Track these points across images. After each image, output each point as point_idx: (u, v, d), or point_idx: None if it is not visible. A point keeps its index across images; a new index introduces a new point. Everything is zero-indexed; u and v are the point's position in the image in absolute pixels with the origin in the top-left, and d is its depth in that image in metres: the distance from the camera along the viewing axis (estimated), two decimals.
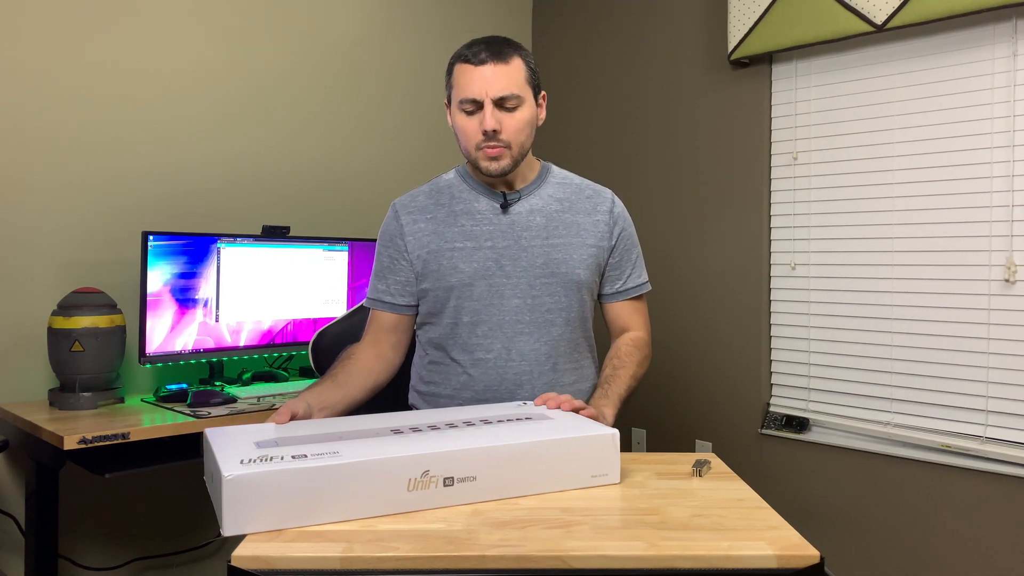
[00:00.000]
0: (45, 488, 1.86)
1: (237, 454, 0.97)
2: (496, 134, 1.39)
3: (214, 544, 2.41)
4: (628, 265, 1.57)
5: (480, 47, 1.40)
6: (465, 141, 1.44)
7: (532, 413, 1.21)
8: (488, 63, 1.39)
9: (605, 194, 1.57)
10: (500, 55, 1.40)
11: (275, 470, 0.92)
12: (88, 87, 2.12)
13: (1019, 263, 2.03)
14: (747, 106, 2.56)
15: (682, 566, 0.83)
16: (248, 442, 1.04)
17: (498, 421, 1.14)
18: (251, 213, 2.44)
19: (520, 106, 1.42)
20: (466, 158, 1.49)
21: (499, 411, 1.24)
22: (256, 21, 2.45)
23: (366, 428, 1.12)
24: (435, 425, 1.13)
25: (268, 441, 1.05)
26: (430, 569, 0.82)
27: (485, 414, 1.21)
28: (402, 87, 2.83)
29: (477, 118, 1.41)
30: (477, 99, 1.39)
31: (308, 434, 1.09)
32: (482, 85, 1.39)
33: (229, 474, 0.89)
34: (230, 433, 1.09)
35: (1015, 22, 2.03)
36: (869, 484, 2.27)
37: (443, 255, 1.47)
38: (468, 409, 1.27)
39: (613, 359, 1.53)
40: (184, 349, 2.08)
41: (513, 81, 1.40)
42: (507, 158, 1.43)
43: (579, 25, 3.09)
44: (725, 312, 2.62)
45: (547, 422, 1.14)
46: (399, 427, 1.12)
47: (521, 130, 1.43)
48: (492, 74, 1.39)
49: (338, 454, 0.97)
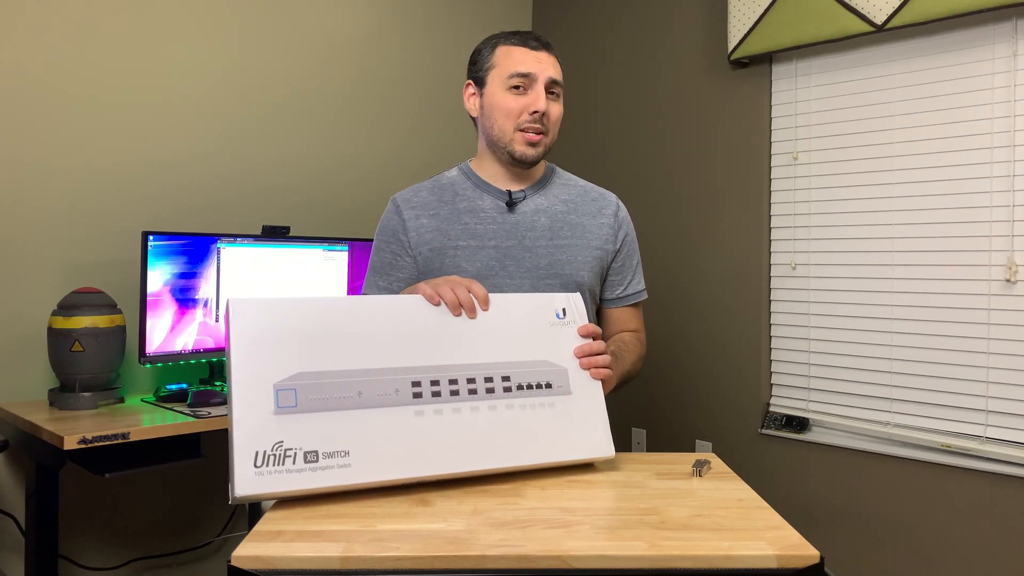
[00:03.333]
0: (45, 488, 1.86)
1: (252, 430, 0.96)
2: (543, 116, 1.40)
3: (214, 544, 2.41)
4: (629, 271, 1.57)
5: (527, 35, 1.44)
6: (504, 120, 1.42)
7: (555, 373, 1.14)
8: (542, 50, 1.42)
9: (610, 198, 1.57)
10: (550, 47, 1.44)
11: (284, 484, 0.94)
12: (88, 87, 2.12)
13: (1019, 263, 2.02)
14: (747, 106, 2.56)
15: (682, 566, 0.83)
16: (268, 390, 0.99)
17: (518, 388, 1.11)
18: (251, 213, 2.44)
19: (560, 98, 1.44)
20: (493, 141, 1.45)
21: (528, 349, 1.14)
22: (256, 22, 2.45)
23: (387, 392, 1.05)
24: (455, 382, 1.08)
25: (288, 395, 0.99)
26: (430, 569, 0.82)
27: (512, 356, 1.13)
28: (403, 88, 2.83)
29: (525, 97, 1.41)
30: (534, 74, 1.40)
31: (326, 392, 1.02)
32: (539, 65, 1.40)
33: (241, 492, 0.93)
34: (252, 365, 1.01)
35: (1015, 22, 2.03)
36: (869, 484, 2.27)
37: (446, 253, 1.45)
38: (494, 337, 1.14)
39: (616, 342, 1.49)
40: (184, 349, 2.08)
41: (559, 72, 1.44)
42: (543, 146, 1.44)
43: (579, 25, 3.09)
44: (725, 312, 2.62)
45: (560, 407, 1.12)
46: (419, 384, 1.07)
47: (557, 122, 1.45)
48: (548, 59, 1.42)
49: (349, 466, 0.98)
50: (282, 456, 0.95)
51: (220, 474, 2.39)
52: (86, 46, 2.12)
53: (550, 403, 1.12)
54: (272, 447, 0.95)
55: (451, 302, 1.13)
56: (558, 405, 1.12)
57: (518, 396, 1.10)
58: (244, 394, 0.97)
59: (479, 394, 1.08)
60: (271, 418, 0.96)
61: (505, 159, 1.46)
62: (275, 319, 1.02)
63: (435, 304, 1.13)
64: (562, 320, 1.19)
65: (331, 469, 0.97)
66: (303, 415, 0.98)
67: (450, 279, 1.17)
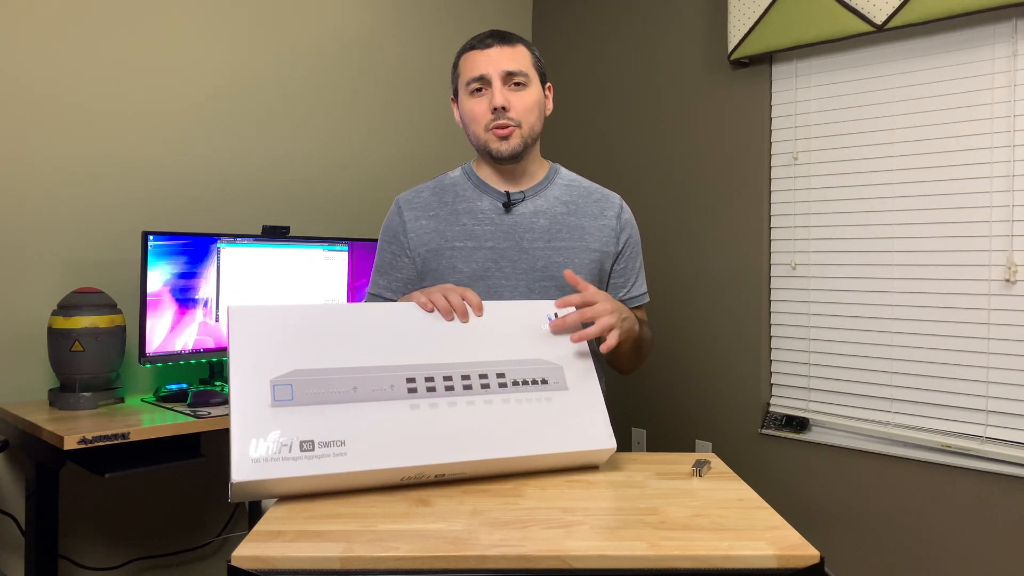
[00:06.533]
0: (45, 488, 1.86)
1: (251, 425, 0.97)
2: (505, 111, 1.40)
3: (214, 544, 2.41)
4: (632, 274, 1.55)
5: (485, 35, 1.44)
6: (474, 125, 1.44)
7: (551, 370, 1.15)
8: (495, 46, 1.42)
9: (613, 199, 1.55)
10: (506, 39, 1.43)
11: (283, 471, 0.95)
12: (89, 88, 2.12)
13: (1019, 263, 2.03)
14: (747, 106, 2.56)
15: (682, 566, 0.83)
16: (265, 385, 1.01)
17: (513, 383, 1.11)
18: (251, 213, 2.44)
19: (528, 85, 1.43)
20: (476, 147, 1.48)
21: (522, 349, 1.16)
22: (257, 22, 2.46)
23: (382, 387, 1.06)
24: (449, 379, 1.09)
25: (284, 389, 1.01)
26: (430, 569, 0.82)
27: (506, 356, 1.14)
28: (403, 88, 2.83)
29: (485, 98, 1.41)
30: (485, 75, 1.40)
31: (322, 387, 1.04)
32: (489, 63, 1.41)
33: (238, 479, 0.93)
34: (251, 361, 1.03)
35: (1015, 22, 2.03)
36: (869, 484, 2.27)
37: (443, 254, 1.45)
38: (488, 339, 1.16)
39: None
40: (184, 349, 2.08)
41: (519, 61, 1.43)
42: (517, 138, 1.42)
43: (579, 25, 3.09)
44: (725, 312, 2.62)
45: (558, 402, 1.12)
46: (414, 380, 1.08)
47: (530, 109, 1.43)
48: (499, 54, 1.41)
49: (345, 455, 0.98)
50: (279, 445, 0.96)
51: (220, 474, 2.39)
52: (86, 46, 2.12)
53: (547, 398, 1.12)
54: (269, 436, 0.96)
55: (443, 307, 1.15)
56: (555, 400, 1.12)
57: (514, 391, 1.10)
58: (242, 390, 0.99)
59: (474, 389, 1.09)
60: (268, 411, 0.98)
61: (490, 161, 1.47)
62: (273, 324, 1.06)
63: (429, 311, 1.16)
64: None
65: (327, 458, 0.97)
66: (299, 407, 1.00)
67: (444, 287, 1.19)
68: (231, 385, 1.00)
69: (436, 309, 1.16)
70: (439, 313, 1.16)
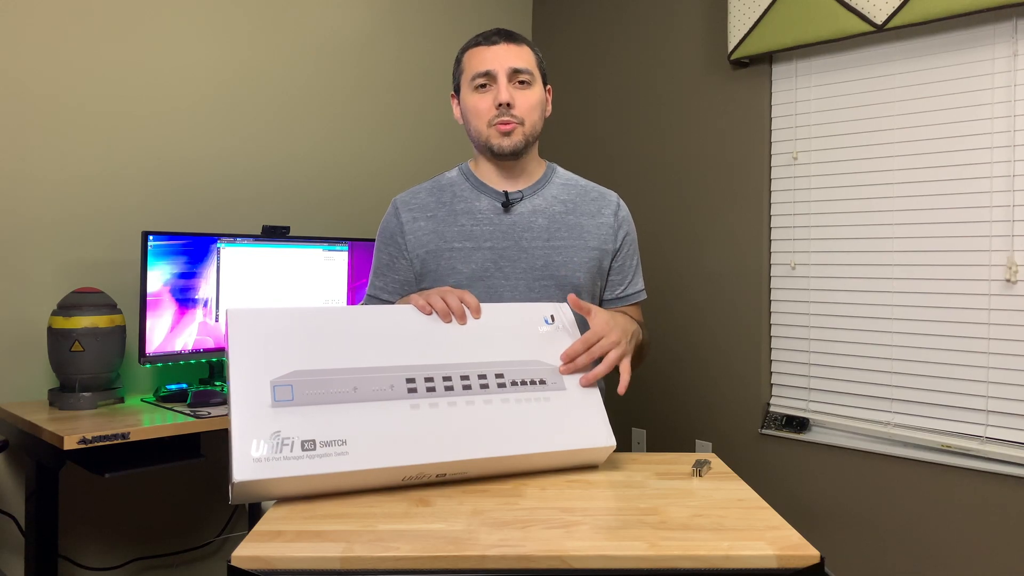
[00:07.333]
0: (45, 488, 1.86)
1: (252, 423, 0.97)
2: (509, 108, 1.41)
3: (214, 544, 2.41)
4: (629, 271, 1.56)
5: (491, 32, 1.45)
6: (477, 120, 1.44)
7: (549, 371, 1.16)
8: (501, 43, 1.43)
9: (611, 197, 1.56)
10: (512, 38, 1.44)
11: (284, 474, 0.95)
12: (89, 87, 2.12)
13: (1019, 263, 2.03)
14: (747, 106, 2.56)
15: (682, 566, 0.83)
16: (265, 387, 1.01)
17: (512, 384, 1.12)
18: (251, 213, 2.44)
19: (532, 84, 1.44)
20: (476, 143, 1.48)
21: (520, 351, 1.17)
22: (257, 22, 2.46)
23: (382, 387, 1.07)
24: (449, 379, 1.10)
25: (284, 390, 1.02)
26: (430, 569, 0.82)
27: (504, 357, 1.15)
28: (403, 88, 2.83)
29: (490, 94, 1.42)
30: (491, 71, 1.41)
31: (322, 388, 1.04)
32: (496, 60, 1.41)
33: (239, 478, 0.93)
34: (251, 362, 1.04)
35: (1015, 22, 2.03)
36: (869, 484, 2.27)
37: (442, 255, 1.45)
38: (486, 340, 1.17)
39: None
40: (184, 349, 2.08)
41: (525, 60, 1.44)
42: (519, 135, 1.43)
43: (579, 25, 3.09)
44: (725, 312, 2.62)
45: (556, 402, 1.12)
46: (414, 380, 1.09)
47: (534, 108, 1.44)
48: (505, 51, 1.42)
49: (346, 454, 0.98)
50: (279, 444, 0.96)
51: (220, 474, 2.39)
52: (86, 46, 2.12)
53: (545, 397, 1.12)
54: (270, 436, 0.96)
55: (441, 310, 1.16)
56: (554, 400, 1.13)
57: (512, 391, 1.11)
58: (242, 391, 0.99)
59: (473, 389, 1.09)
60: (268, 411, 0.98)
61: (490, 157, 1.48)
62: (272, 326, 1.06)
63: (427, 314, 1.16)
64: (551, 325, 1.21)
65: (328, 457, 0.97)
66: (300, 407, 1.00)
67: (442, 290, 1.20)
68: (231, 387, 1.00)
69: (434, 312, 1.16)
70: (437, 316, 1.16)
